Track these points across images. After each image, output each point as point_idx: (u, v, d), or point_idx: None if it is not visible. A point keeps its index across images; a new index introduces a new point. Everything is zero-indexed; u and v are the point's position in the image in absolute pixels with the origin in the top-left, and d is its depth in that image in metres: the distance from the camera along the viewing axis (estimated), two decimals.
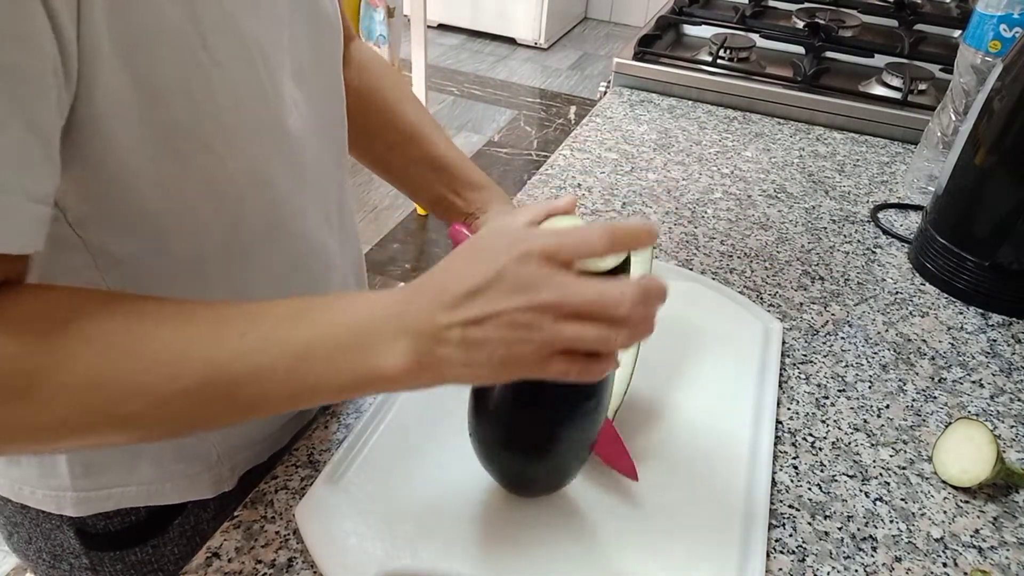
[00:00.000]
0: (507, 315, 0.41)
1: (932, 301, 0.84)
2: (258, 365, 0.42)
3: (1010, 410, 0.70)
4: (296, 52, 0.55)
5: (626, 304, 0.41)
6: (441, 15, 4.27)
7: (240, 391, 0.43)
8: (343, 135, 0.65)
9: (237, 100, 0.48)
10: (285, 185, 0.54)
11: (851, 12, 1.41)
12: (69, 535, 0.63)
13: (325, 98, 0.60)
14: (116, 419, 0.42)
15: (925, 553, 0.57)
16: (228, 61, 0.46)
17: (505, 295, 0.41)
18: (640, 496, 0.58)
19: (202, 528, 0.65)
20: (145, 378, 0.41)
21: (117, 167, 0.44)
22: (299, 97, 0.55)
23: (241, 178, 0.50)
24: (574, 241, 0.42)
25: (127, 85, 0.42)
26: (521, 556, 0.54)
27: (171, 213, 0.48)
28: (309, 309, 0.45)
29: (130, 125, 0.43)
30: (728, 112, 1.21)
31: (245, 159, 0.50)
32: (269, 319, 0.44)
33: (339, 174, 0.65)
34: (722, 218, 0.95)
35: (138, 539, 0.64)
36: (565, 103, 3.63)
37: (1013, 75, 0.76)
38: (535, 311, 0.41)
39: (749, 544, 0.55)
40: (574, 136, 1.12)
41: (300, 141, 0.56)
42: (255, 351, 0.42)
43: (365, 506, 0.56)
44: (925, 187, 0.99)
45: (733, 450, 0.62)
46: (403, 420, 0.63)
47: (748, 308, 0.78)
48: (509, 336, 0.41)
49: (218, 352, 0.42)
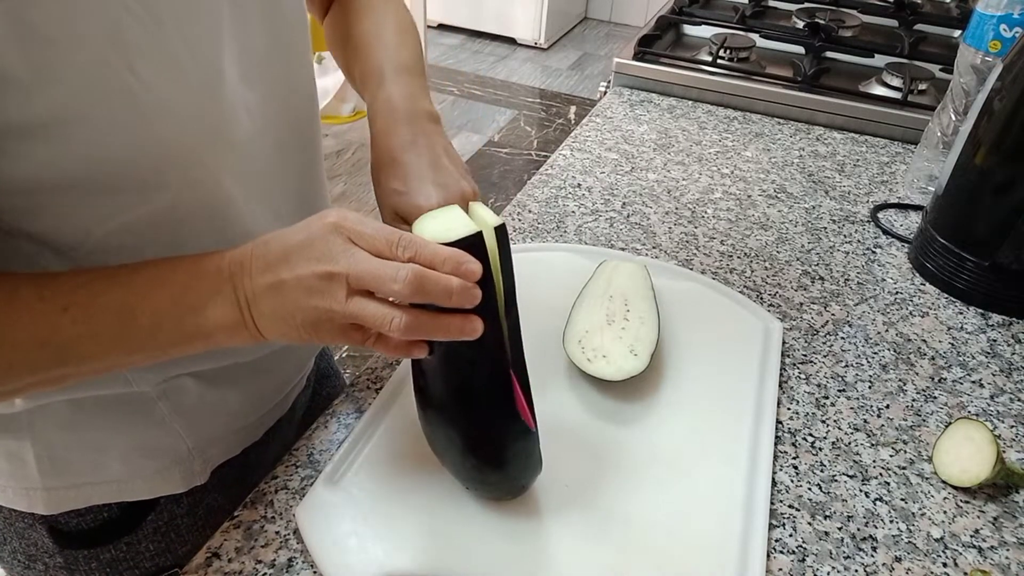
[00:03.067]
0: (304, 280, 0.44)
1: (932, 301, 0.84)
2: (82, 334, 0.45)
3: (1010, 410, 0.70)
4: (245, 50, 0.53)
5: (398, 283, 0.43)
6: (441, 15, 4.27)
7: (69, 358, 0.46)
8: (312, 126, 0.64)
9: (172, 121, 0.47)
10: (230, 191, 0.54)
11: (851, 12, 1.41)
12: (42, 533, 0.63)
13: (283, 95, 0.59)
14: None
15: (925, 553, 0.57)
16: (159, 83, 0.45)
17: (306, 261, 0.44)
18: (640, 496, 0.58)
19: (176, 523, 0.65)
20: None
21: (44, 176, 0.44)
22: (251, 98, 0.54)
23: (181, 190, 0.50)
24: (380, 239, 0.45)
25: (46, 112, 0.42)
26: (521, 556, 0.54)
27: (105, 213, 0.48)
28: (134, 274, 0.47)
29: (53, 144, 0.43)
30: (728, 112, 1.21)
31: (185, 174, 0.50)
32: (92, 288, 0.46)
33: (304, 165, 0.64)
34: (722, 218, 0.95)
35: (112, 536, 0.64)
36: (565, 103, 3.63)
37: (1013, 75, 0.76)
38: (326, 278, 0.44)
39: (749, 544, 0.55)
40: (574, 136, 1.12)
41: (249, 145, 0.55)
42: (77, 321, 0.45)
43: (365, 507, 0.56)
44: (925, 187, 0.99)
45: (733, 450, 0.62)
46: (403, 420, 0.63)
47: (748, 308, 0.78)
48: (305, 301, 0.44)
49: (42, 326, 0.45)
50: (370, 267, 0.44)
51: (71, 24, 0.41)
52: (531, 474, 0.55)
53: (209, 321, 0.46)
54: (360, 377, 0.70)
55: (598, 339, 0.68)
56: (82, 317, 0.45)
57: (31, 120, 0.42)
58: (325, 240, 0.45)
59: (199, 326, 0.46)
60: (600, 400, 0.66)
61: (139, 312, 0.46)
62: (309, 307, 0.44)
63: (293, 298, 0.45)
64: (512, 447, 0.52)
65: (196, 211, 0.52)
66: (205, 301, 0.46)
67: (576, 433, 0.63)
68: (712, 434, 0.64)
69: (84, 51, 0.42)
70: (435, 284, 0.44)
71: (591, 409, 0.65)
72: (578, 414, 0.65)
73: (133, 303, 0.46)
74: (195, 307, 0.46)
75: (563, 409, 0.65)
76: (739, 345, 0.73)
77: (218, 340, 0.47)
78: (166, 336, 0.47)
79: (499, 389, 0.49)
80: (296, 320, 0.45)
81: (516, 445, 0.52)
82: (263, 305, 0.46)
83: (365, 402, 0.67)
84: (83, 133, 0.43)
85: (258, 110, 0.55)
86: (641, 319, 0.70)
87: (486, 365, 0.49)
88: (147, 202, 0.49)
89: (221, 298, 0.46)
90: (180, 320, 0.46)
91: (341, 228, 0.45)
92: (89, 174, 0.45)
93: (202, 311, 0.46)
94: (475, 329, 0.46)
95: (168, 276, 0.47)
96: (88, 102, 0.43)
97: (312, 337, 0.46)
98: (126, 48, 0.43)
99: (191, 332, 0.47)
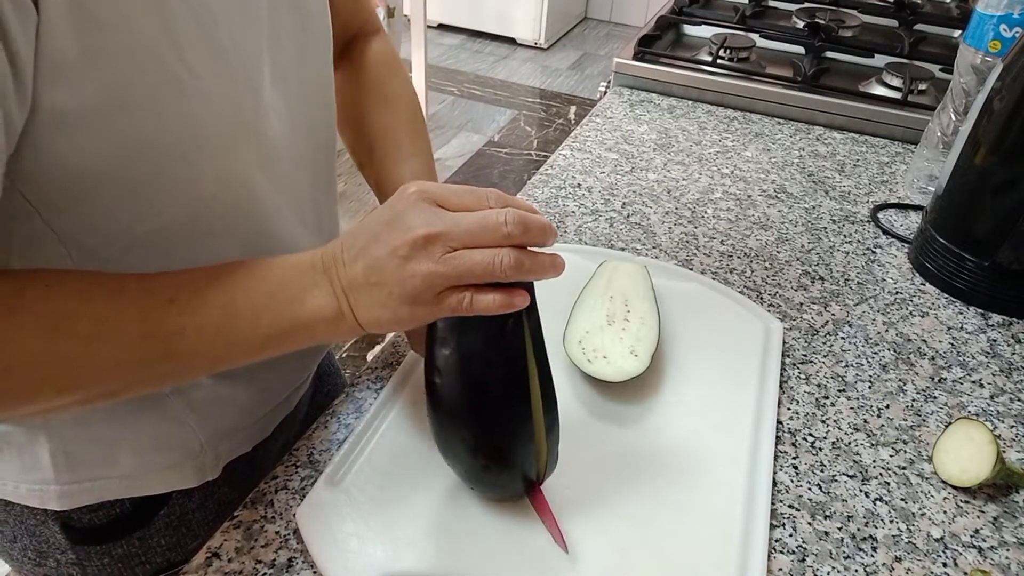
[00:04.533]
0: (399, 250, 0.44)
1: (932, 301, 0.84)
2: (186, 326, 0.45)
3: (1010, 410, 0.70)
4: (277, 56, 0.54)
5: (509, 225, 0.44)
6: (441, 15, 4.27)
7: (174, 351, 0.46)
8: (328, 135, 0.65)
9: (214, 111, 0.48)
10: (261, 189, 0.55)
11: (851, 12, 1.41)
12: (54, 530, 0.63)
13: (307, 100, 0.60)
14: (58, 388, 0.45)
15: (925, 553, 0.57)
16: (206, 74, 0.46)
17: (399, 232, 0.44)
18: (640, 496, 0.58)
19: (188, 518, 0.65)
20: (81, 350, 0.44)
21: (84, 171, 0.45)
22: (279, 101, 0.55)
23: (214, 185, 0.51)
24: (468, 195, 0.46)
25: (95, 97, 0.42)
26: (521, 557, 0.54)
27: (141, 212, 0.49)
28: (232, 270, 0.48)
29: (97, 134, 0.43)
30: (728, 112, 1.21)
31: (220, 167, 0.50)
32: (195, 283, 0.47)
33: (320, 174, 0.65)
34: (722, 218, 0.95)
35: (124, 531, 0.64)
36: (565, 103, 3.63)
37: (1013, 75, 0.76)
38: (422, 242, 0.44)
39: (749, 544, 0.55)
40: (574, 136, 1.12)
41: (278, 145, 0.56)
42: (184, 313, 0.46)
43: (366, 508, 0.56)
44: (925, 187, 0.99)
45: (733, 450, 0.62)
46: (404, 421, 0.63)
47: (748, 308, 0.78)
48: (401, 272, 0.44)
49: (149, 318, 0.45)
50: (475, 217, 0.44)
51: (124, 9, 0.41)
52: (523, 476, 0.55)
53: (308, 314, 0.47)
54: (360, 377, 0.70)
55: (598, 339, 0.68)
56: (187, 310, 0.46)
57: (80, 106, 0.42)
58: (415, 209, 0.45)
59: (298, 320, 0.47)
60: (600, 400, 0.66)
61: (240, 306, 0.47)
62: (406, 276, 0.44)
63: (390, 271, 0.44)
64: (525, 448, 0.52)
65: (229, 211, 0.53)
66: (303, 295, 0.47)
67: (576, 433, 0.63)
68: (712, 434, 0.64)
69: (135, 37, 0.42)
70: (535, 222, 0.45)
71: (591, 409, 0.65)
72: (578, 415, 0.65)
73: (233, 297, 0.47)
74: (293, 300, 0.47)
75: (563, 410, 0.65)
76: (739, 345, 0.73)
77: (317, 334, 0.48)
78: (266, 330, 0.47)
79: (516, 388, 0.49)
80: (394, 295, 0.45)
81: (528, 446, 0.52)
82: (361, 291, 0.46)
83: (365, 402, 0.67)
84: (125, 120, 0.44)
85: (286, 114, 0.56)
86: (642, 320, 0.70)
87: (504, 364, 0.49)
88: (182, 199, 0.49)
89: (319, 291, 0.47)
90: (279, 314, 0.47)
91: (426, 194, 0.45)
92: (125, 165, 0.45)
93: (301, 305, 0.47)
94: (562, 263, 0.46)
95: (265, 272, 0.48)
96: (136, 88, 0.43)
97: (411, 313, 0.45)
98: (177, 36, 0.44)
99: (289, 326, 0.47)
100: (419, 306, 0.45)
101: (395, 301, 0.45)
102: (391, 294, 0.45)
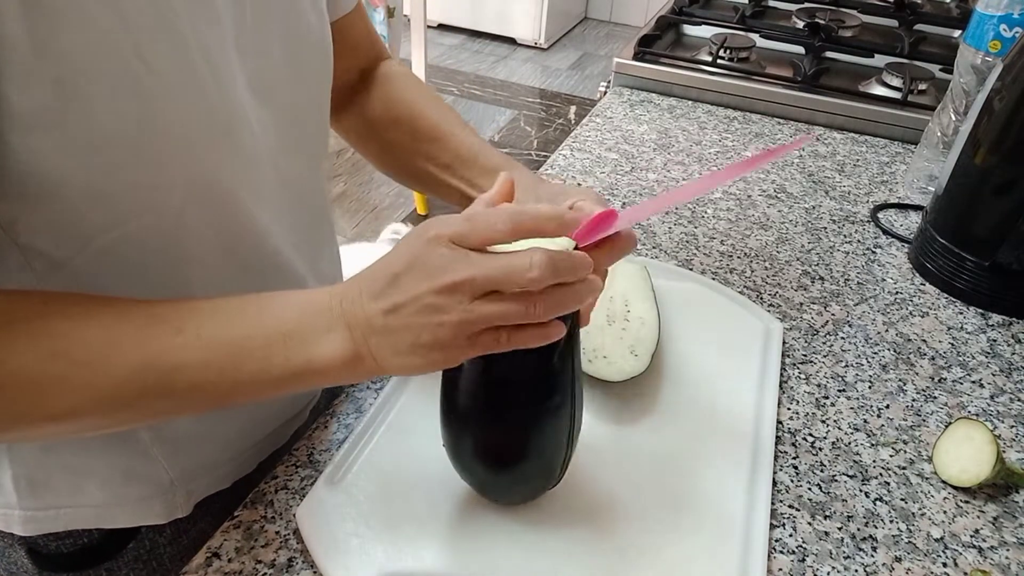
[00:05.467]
0: (422, 299, 0.42)
1: (932, 301, 0.84)
2: (192, 361, 0.44)
3: (1010, 410, 0.70)
4: (263, 66, 0.52)
5: (535, 269, 0.41)
6: (441, 15, 4.27)
7: (176, 385, 0.44)
8: (320, 155, 0.63)
9: (178, 110, 0.45)
10: (241, 203, 0.52)
11: (851, 12, 1.41)
12: (21, 554, 0.62)
13: (299, 118, 0.58)
14: (50, 414, 0.43)
15: (925, 553, 0.57)
16: (166, 69, 0.44)
17: (419, 279, 0.42)
18: (641, 496, 0.58)
19: (158, 552, 0.63)
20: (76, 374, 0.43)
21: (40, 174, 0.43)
22: (263, 114, 0.53)
23: (185, 192, 0.48)
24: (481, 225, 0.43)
25: (47, 94, 0.40)
26: (521, 557, 0.54)
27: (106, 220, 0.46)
28: (244, 305, 0.46)
29: (51, 134, 0.41)
30: (728, 112, 1.21)
31: (190, 173, 0.48)
32: (204, 315, 0.45)
33: (314, 195, 0.64)
34: (722, 218, 0.95)
35: (91, 561, 0.62)
36: (565, 103, 3.63)
37: (1013, 75, 0.76)
38: (447, 291, 0.42)
39: (749, 544, 0.55)
40: (574, 136, 1.12)
41: (262, 160, 0.53)
42: (189, 346, 0.44)
43: (366, 508, 0.56)
44: (925, 187, 0.99)
45: (733, 450, 0.62)
46: (404, 421, 0.63)
47: (748, 308, 0.78)
48: (427, 320, 0.42)
49: (152, 348, 0.44)
50: (498, 264, 0.42)
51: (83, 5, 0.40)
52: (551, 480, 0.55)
53: (322, 357, 0.44)
54: None
55: (598, 339, 0.68)
56: (193, 343, 0.44)
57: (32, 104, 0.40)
58: (432, 254, 0.42)
59: (311, 362, 0.44)
60: (600, 400, 0.66)
61: (251, 345, 0.44)
62: (434, 325, 0.42)
63: (416, 319, 0.42)
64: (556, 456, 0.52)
65: (203, 221, 0.50)
66: (318, 337, 0.44)
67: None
68: (712, 434, 0.64)
69: (90, 28, 0.40)
70: (563, 262, 0.42)
71: (591, 409, 0.65)
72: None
73: (245, 334, 0.45)
74: (307, 343, 0.44)
75: None
76: (739, 345, 0.73)
77: (330, 378, 0.46)
78: (276, 372, 0.45)
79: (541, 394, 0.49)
80: (422, 342, 0.43)
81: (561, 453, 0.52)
82: (383, 336, 0.43)
83: (365, 402, 0.67)
84: (81, 119, 0.42)
85: (270, 126, 0.54)
86: (642, 320, 0.70)
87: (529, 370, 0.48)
88: (152, 207, 0.47)
89: (335, 335, 0.44)
90: (291, 355, 0.44)
91: (441, 237, 0.43)
92: (88, 169, 0.43)
93: (316, 347, 0.44)
94: (598, 285, 0.44)
95: (279, 311, 0.46)
96: (90, 82, 0.41)
97: (440, 357, 0.44)
98: (135, 30, 0.42)
99: (301, 369, 0.45)
100: (452, 350, 0.43)
101: (424, 348, 0.43)
102: (418, 340, 0.43)
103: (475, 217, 0.43)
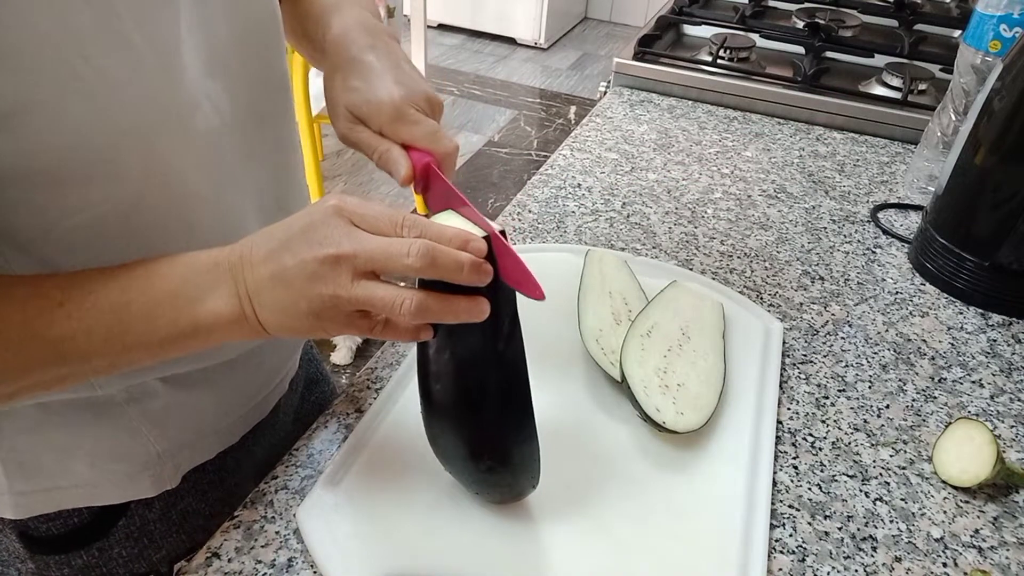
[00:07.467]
0: (307, 265, 0.43)
1: (932, 301, 0.84)
2: (76, 330, 0.44)
3: (1010, 410, 0.70)
4: (209, 45, 0.52)
5: (411, 257, 0.42)
6: (441, 15, 4.27)
7: (68, 355, 0.45)
8: (285, 123, 0.63)
9: (126, 106, 0.46)
10: (196, 183, 0.52)
11: (851, 12, 1.41)
12: (12, 539, 0.62)
13: (255, 88, 0.58)
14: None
15: (925, 553, 0.57)
16: (111, 67, 0.44)
17: (309, 246, 0.43)
18: (640, 496, 0.58)
19: (148, 528, 0.64)
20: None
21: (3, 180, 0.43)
22: (215, 89, 0.53)
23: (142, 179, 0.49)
24: (381, 216, 0.45)
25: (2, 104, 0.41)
26: (521, 557, 0.54)
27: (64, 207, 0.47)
28: (133, 269, 0.47)
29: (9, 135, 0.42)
30: (728, 112, 1.21)
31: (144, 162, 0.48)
32: (94, 283, 0.46)
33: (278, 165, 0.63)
34: (722, 218, 0.95)
35: (83, 542, 0.63)
36: (565, 103, 3.63)
37: (1013, 75, 0.76)
38: (330, 262, 0.43)
39: (749, 544, 0.55)
40: (574, 136, 1.12)
41: (217, 138, 0.53)
42: (72, 316, 0.44)
43: (366, 508, 0.56)
44: (925, 187, 0.99)
45: (733, 450, 0.62)
46: (404, 421, 0.63)
47: (748, 308, 0.78)
48: (306, 287, 0.43)
49: (35, 321, 0.44)
50: (379, 244, 0.43)
51: (22, 11, 0.40)
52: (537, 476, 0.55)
53: (208, 316, 0.45)
54: (360, 377, 0.70)
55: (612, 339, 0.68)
56: (76, 313, 0.44)
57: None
58: (327, 223, 0.44)
59: (197, 321, 0.45)
60: (599, 400, 0.66)
61: (134, 308, 0.45)
62: (313, 294, 0.43)
63: (297, 285, 0.43)
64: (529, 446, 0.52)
65: (162, 204, 0.51)
66: (203, 295, 0.45)
67: (576, 433, 0.63)
68: (712, 434, 0.64)
69: (35, 38, 0.41)
70: (446, 256, 0.43)
71: (590, 409, 0.65)
72: (577, 414, 0.65)
73: (129, 299, 0.45)
74: (192, 301, 0.45)
75: (562, 410, 0.65)
76: (739, 345, 0.73)
77: (216, 336, 0.46)
78: (163, 332, 0.46)
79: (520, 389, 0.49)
80: (300, 308, 0.44)
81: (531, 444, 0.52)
82: (265, 296, 0.45)
83: (365, 402, 0.67)
84: (39, 122, 0.42)
85: (225, 102, 0.54)
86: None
87: (507, 365, 0.49)
88: (110, 195, 0.48)
89: (221, 291, 0.45)
90: (176, 315, 0.45)
91: (343, 211, 0.44)
92: (48, 164, 0.44)
93: (200, 305, 0.45)
94: (483, 311, 0.45)
95: (165, 271, 0.46)
96: (42, 90, 0.42)
97: (316, 327, 0.45)
98: (77, 34, 0.42)
99: (188, 328, 0.46)
100: (326, 322, 0.45)
101: (301, 312, 0.44)
102: (296, 305, 0.44)
103: (380, 212, 0.45)
